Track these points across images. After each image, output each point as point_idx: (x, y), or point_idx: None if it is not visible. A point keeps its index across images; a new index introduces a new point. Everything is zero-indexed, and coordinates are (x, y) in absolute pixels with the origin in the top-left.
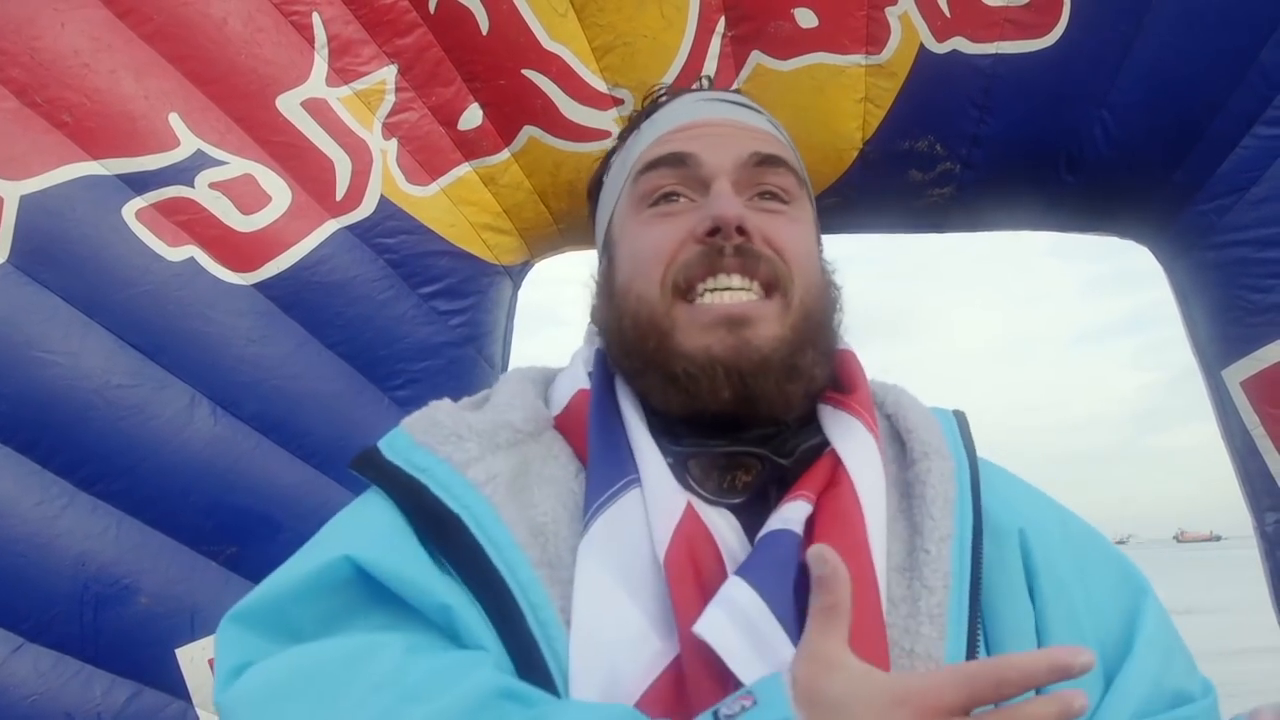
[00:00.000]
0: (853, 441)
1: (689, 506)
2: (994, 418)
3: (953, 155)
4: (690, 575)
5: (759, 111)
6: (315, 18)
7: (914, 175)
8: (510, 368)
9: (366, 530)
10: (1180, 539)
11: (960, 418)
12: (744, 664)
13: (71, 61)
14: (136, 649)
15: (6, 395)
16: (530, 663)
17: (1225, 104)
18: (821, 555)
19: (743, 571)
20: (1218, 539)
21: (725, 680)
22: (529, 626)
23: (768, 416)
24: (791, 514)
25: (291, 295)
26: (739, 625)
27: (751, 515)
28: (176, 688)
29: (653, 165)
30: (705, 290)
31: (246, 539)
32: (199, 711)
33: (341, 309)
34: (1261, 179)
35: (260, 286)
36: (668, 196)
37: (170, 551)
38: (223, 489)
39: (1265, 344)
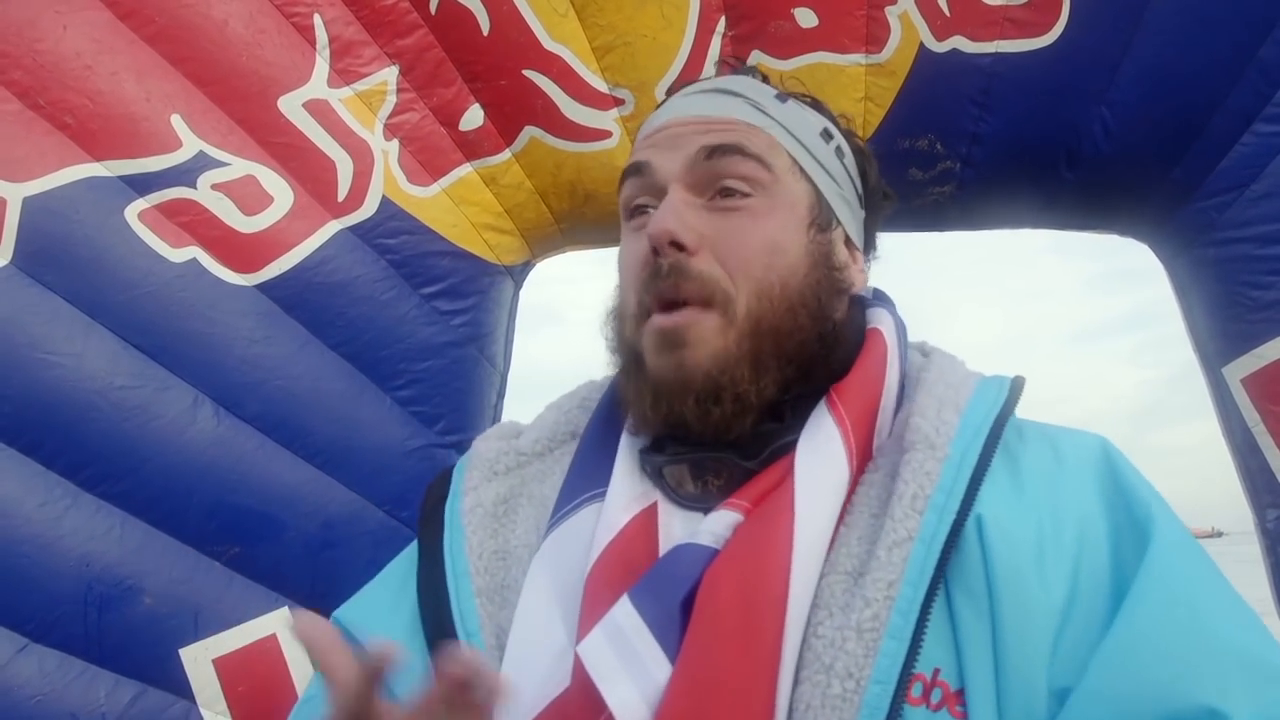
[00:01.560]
0: (814, 443)
1: (640, 516)
2: None
3: (953, 154)
4: (607, 587)
5: (736, 95)
6: (316, 19)
7: (914, 174)
8: (511, 367)
9: (379, 579)
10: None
11: (1013, 387)
12: (613, 686)
13: (74, 64)
14: (140, 649)
15: (10, 397)
16: None
17: (1225, 101)
18: (453, 658)
19: (633, 592)
20: (1219, 535)
21: (601, 710)
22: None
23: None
24: (713, 525)
25: (294, 296)
26: (617, 647)
27: None
28: (180, 688)
29: (624, 176)
30: (657, 311)
31: (250, 539)
32: (203, 711)
33: (343, 309)
34: (1261, 176)
35: (263, 287)
36: (640, 209)
37: (174, 552)
38: (226, 489)
39: (1266, 341)
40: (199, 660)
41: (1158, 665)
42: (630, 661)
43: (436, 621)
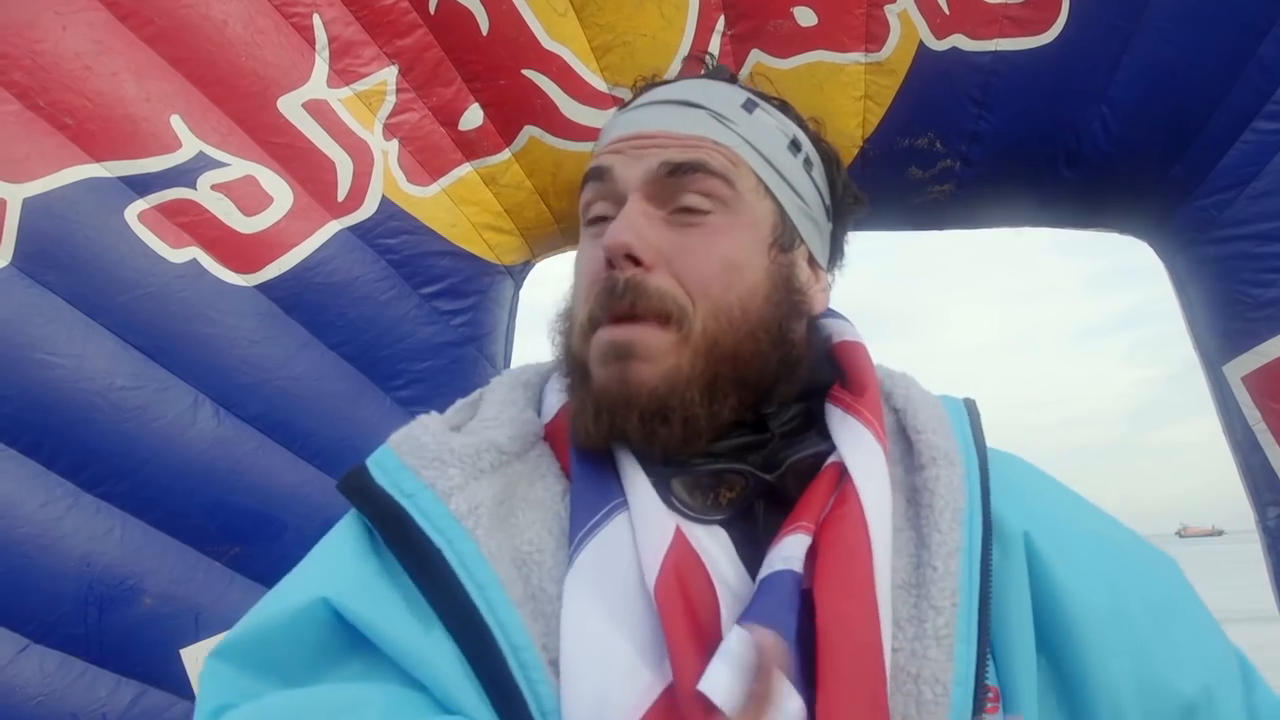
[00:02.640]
0: (862, 455)
1: (678, 530)
2: (995, 414)
3: (952, 152)
4: (680, 606)
5: (701, 108)
6: (316, 19)
7: (914, 172)
8: (511, 367)
9: (346, 565)
10: (1183, 534)
11: (971, 408)
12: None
13: (73, 64)
14: (141, 649)
15: (10, 398)
16: (511, 705)
17: (1224, 99)
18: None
19: (746, 621)
20: (1219, 533)
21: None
22: (510, 669)
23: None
24: (790, 550)
25: (294, 296)
26: (743, 679)
27: (741, 530)
28: (181, 688)
29: (585, 180)
30: (607, 325)
31: (250, 539)
32: None
33: (344, 309)
34: (1261, 174)
35: (262, 288)
36: (599, 217)
37: (174, 552)
38: (226, 489)
39: (1266, 339)
40: (200, 660)
41: None
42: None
43: (474, 637)
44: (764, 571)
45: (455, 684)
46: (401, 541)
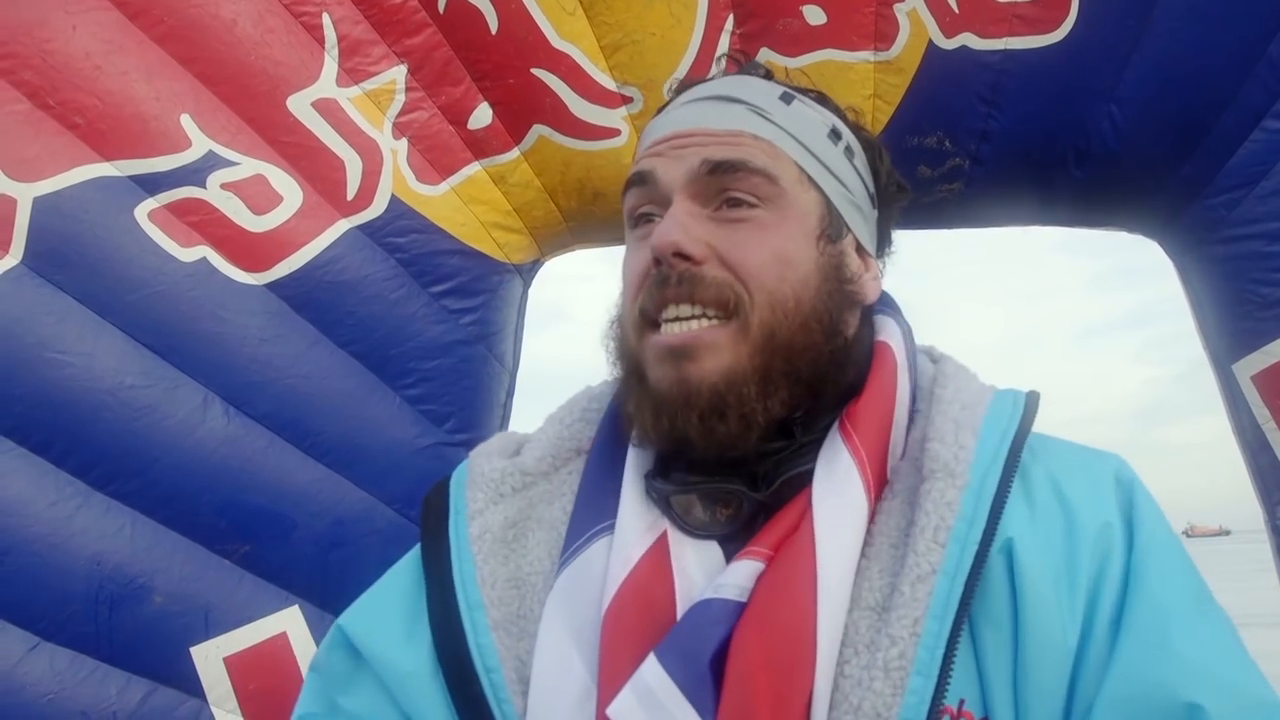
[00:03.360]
0: (831, 476)
1: (653, 549)
2: None
3: (961, 151)
4: (627, 635)
5: (740, 102)
6: (325, 18)
7: (923, 171)
8: (520, 366)
9: (385, 589)
10: (1190, 533)
11: (1027, 404)
12: None
13: (83, 64)
14: (151, 648)
15: (21, 396)
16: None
17: (1234, 98)
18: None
19: (660, 651)
20: (1226, 533)
21: None
22: (483, 689)
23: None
24: (734, 577)
25: (303, 295)
26: (648, 708)
27: (739, 546)
28: (191, 686)
29: (629, 185)
30: (664, 320)
31: (260, 538)
32: (214, 710)
33: (353, 308)
34: (1271, 173)
35: (272, 286)
36: (644, 217)
37: (184, 550)
38: (236, 488)
39: (1275, 338)
40: (210, 658)
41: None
42: None
43: (454, 655)
44: (694, 600)
45: (425, 700)
46: (432, 556)
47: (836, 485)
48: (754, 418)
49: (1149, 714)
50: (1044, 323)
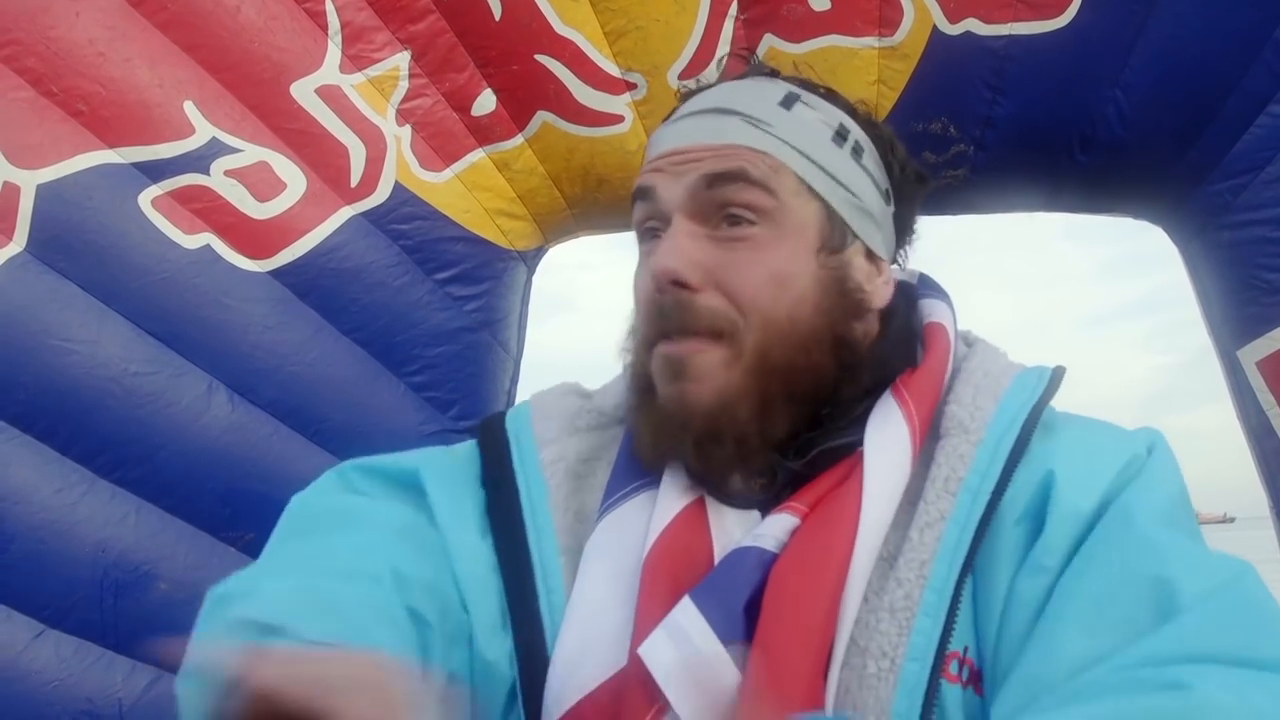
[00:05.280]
0: (883, 435)
1: (689, 509)
2: None
3: (966, 137)
4: (664, 582)
5: (736, 114)
6: (328, 5)
7: (927, 157)
8: (524, 354)
9: (449, 468)
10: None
11: (1051, 378)
12: (679, 689)
13: (86, 50)
14: (156, 635)
15: (25, 383)
16: (532, 641)
17: (1239, 83)
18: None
19: (695, 593)
20: (1231, 520)
21: (657, 700)
22: (539, 608)
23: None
24: (770, 529)
25: (307, 282)
26: (681, 649)
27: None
28: None
29: (634, 198)
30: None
31: (264, 525)
32: None
33: (357, 295)
34: (1276, 158)
35: (276, 273)
36: (650, 231)
37: (189, 538)
38: (240, 475)
39: None
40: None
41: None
42: (696, 664)
43: (517, 577)
44: (730, 549)
45: (479, 592)
46: (495, 469)
47: (888, 446)
48: (749, 441)
49: (1114, 598)
50: (1051, 310)
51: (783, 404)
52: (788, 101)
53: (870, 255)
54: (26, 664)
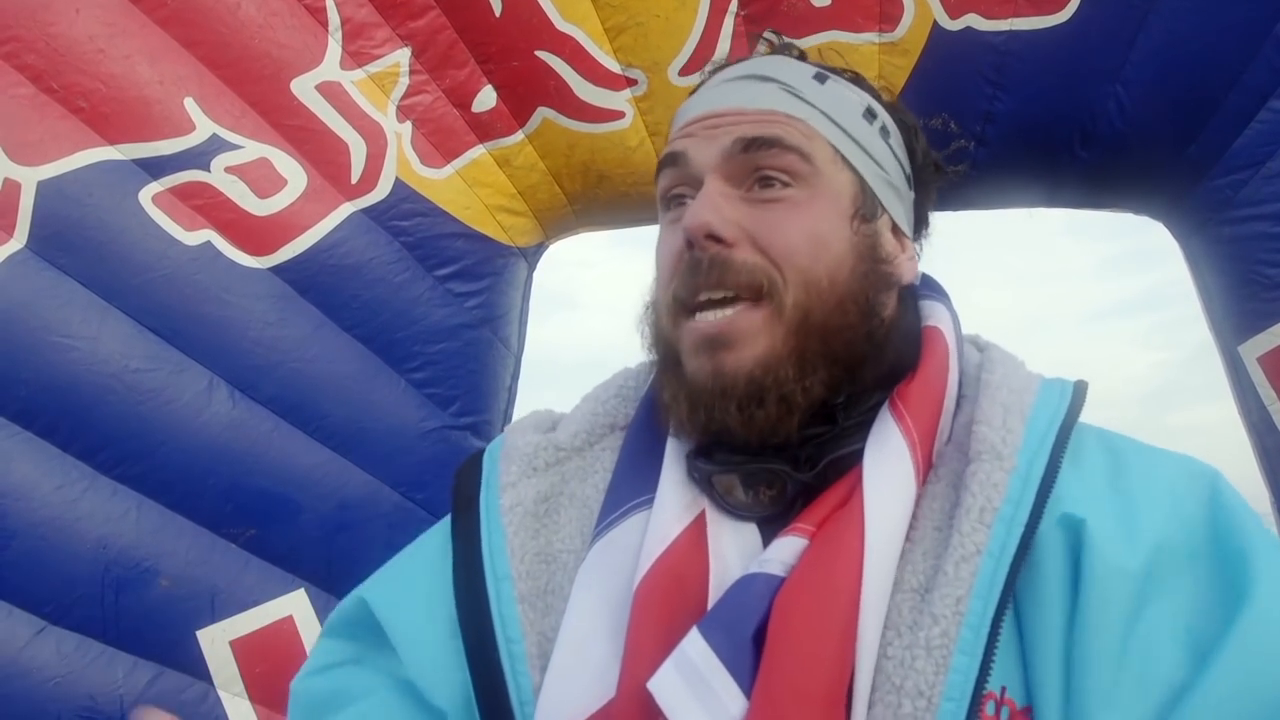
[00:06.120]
0: (880, 454)
1: (690, 528)
2: None
3: (967, 133)
4: (657, 612)
5: (773, 80)
6: (329, 1)
7: None
8: (524, 351)
9: (410, 560)
10: None
11: (1075, 393)
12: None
13: (86, 47)
14: (158, 631)
15: (26, 380)
16: (495, 694)
17: (1239, 78)
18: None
19: (703, 625)
20: None
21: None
22: (501, 661)
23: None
24: (778, 553)
25: (308, 278)
26: (690, 682)
27: (779, 527)
28: (197, 669)
29: (661, 166)
30: (699, 306)
31: (265, 521)
32: (220, 693)
33: (358, 292)
34: (1277, 154)
35: (277, 270)
36: (677, 199)
37: (190, 534)
38: (241, 471)
39: None
40: (216, 642)
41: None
42: (704, 695)
43: (476, 627)
44: (738, 576)
45: (440, 673)
46: (464, 529)
47: (887, 464)
48: (793, 399)
49: (1258, 708)
50: (1052, 306)
51: (820, 361)
52: (820, 78)
53: (896, 231)
54: (28, 661)
